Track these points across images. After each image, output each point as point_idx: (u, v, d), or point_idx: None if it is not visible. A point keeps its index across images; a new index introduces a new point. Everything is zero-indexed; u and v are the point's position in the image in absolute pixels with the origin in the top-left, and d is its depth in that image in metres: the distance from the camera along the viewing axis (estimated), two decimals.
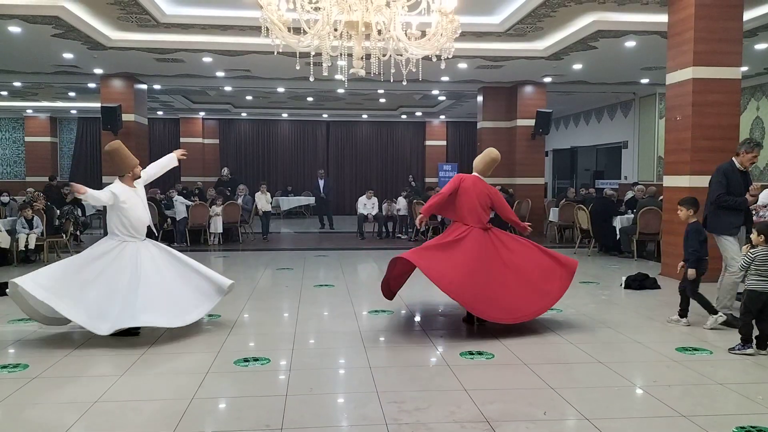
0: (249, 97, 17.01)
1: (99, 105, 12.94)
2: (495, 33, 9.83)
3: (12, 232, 9.03)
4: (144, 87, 13.65)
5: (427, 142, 21.63)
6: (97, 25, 9.34)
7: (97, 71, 12.41)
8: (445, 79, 13.29)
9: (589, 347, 4.69)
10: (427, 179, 20.50)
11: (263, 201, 13.09)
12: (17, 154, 20.57)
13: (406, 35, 4.86)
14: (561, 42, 10.01)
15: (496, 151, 5.55)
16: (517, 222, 5.56)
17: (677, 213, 5.50)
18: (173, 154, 5.56)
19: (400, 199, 13.48)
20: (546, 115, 13.38)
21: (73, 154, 20.77)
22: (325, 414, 3.46)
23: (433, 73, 12.13)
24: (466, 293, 4.88)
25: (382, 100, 17.75)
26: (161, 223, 11.25)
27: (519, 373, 4.11)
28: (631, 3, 8.28)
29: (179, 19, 9.18)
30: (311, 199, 18.70)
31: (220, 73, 12.75)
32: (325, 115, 20.86)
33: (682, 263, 5.34)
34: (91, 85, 13.75)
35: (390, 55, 5.00)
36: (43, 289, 4.62)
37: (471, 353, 4.51)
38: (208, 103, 18.23)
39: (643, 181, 13.57)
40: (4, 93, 16.14)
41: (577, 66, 11.69)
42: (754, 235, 4.59)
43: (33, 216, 9.21)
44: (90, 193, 4.88)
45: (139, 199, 5.15)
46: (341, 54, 5.04)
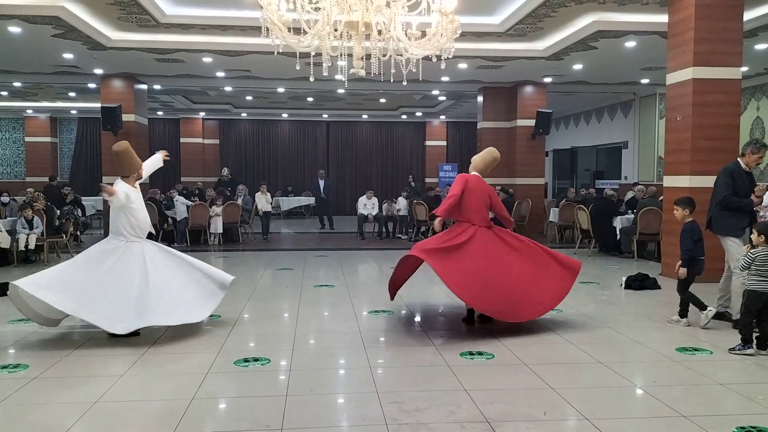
0: (249, 98, 17.01)
1: (99, 105, 12.94)
2: (495, 33, 9.83)
3: (12, 233, 9.03)
4: (144, 87, 13.65)
5: (427, 143, 21.62)
6: (97, 25, 9.34)
7: (97, 71, 12.41)
8: (445, 79, 13.28)
9: (590, 347, 4.69)
10: (427, 179, 20.49)
11: (263, 201, 13.09)
12: (17, 154, 20.56)
13: (407, 35, 4.86)
14: (561, 42, 10.01)
15: (497, 151, 5.62)
16: (507, 218, 5.71)
17: (673, 213, 5.50)
18: (158, 154, 5.63)
19: (400, 199, 13.49)
20: (546, 115, 13.38)
21: (74, 154, 20.77)
22: (326, 414, 3.46)
23: (433, 73, 12.13)
24: (480, 299, 4.97)
25: (382, 100, 17.74)
26: (161, 223, 11.26)
27: (519, 374, 4.11)
28: (631, 3, 8.28)
29: (179, 20, 9.18)
30: (311, 200, 18.70)
31: (220, 74, 12.75)
32: (325, 115, 20.86)
33: (679, 263, 5.34)
34: (91, 85, 13.75)
35: (390, 55, 5.01)
36: (46, 290, 4.62)
37: (471, 353, 4.51)
38: (208, 103, 18.22)
39: (644, 182, 13.56)
40: (5, 93, 16.14)
41: (578, 66, 11.69)
42: (754, 236, 4.59)
43: (33, 216, 9.21)
44: (119, 193, 4.96)
45: (141, 199, 5.28)
46: (341, 54, 5.05)
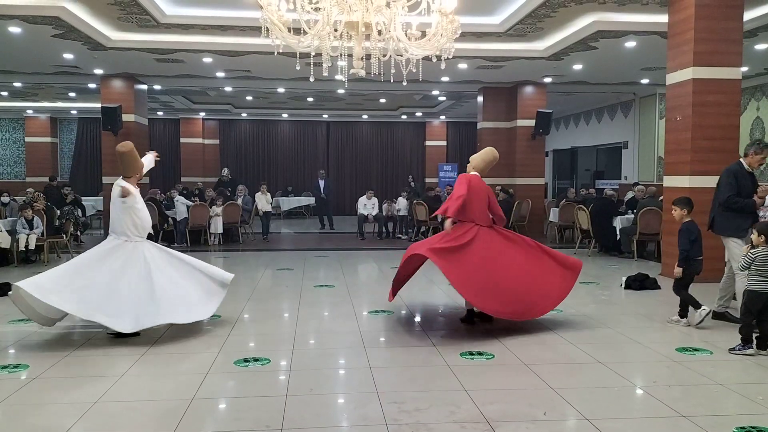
0: (249, 98, 17.01)
1: (99, 105, 12.94)
2: (495, 33, 9.83)
3: (12, 233, 9.03)
4: (144, 87, 13.65)
5: (427, 143, 21.61)
6: (98, 25, 9.34)
7: (98, 71, 12.41)
8: (445, 79, 13.28)
9: (590, 347, 4.69)
10: (427, 179, 20.50)
11: (263, 201, 13.09)
12: (17, 154, 20.56)
13: (406, 35, 4.87)
14: (561, 42, 10.01)
15: (496, 151, 5.61)
16: (502, 216, 5.66)
17: (671, 213, 5.51)
18: (150, 155, 5.69)
19: (400, 199, 13.48)
20: (546, 115, 13.38)
21: (74, 154, 20.78)
22: (326, 414, 3.46)
23: (433, 73, 12.13)
24: (484, 299, 4.98)
25: (382, 101, 17.74)
26: (162, 223, 11.26)
27: (519, 374, 4.11)
28: (631, 3, 8.28)
29: (179, 20, 9.17)
30: (311, 200, 18.70)
31: (221, 74, 12.75)
32: (325, 116, 20.85)
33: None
34: (92, 85, 13.75)
35: (390, 56, 5.01)
36: (51, 293, 4.62)
37: (471, 353, 4.51)
38: (209, 103, 18.22)
39: (644, 182, 13.57)
40: (5, 93, 16.15)
41: (578, 66, 11.69)
42: (754, 236, 4.59)
43: (33, 216, 9.21)
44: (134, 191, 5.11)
45: (142, 200, 5.33)
46: (341, 54, 5.05)
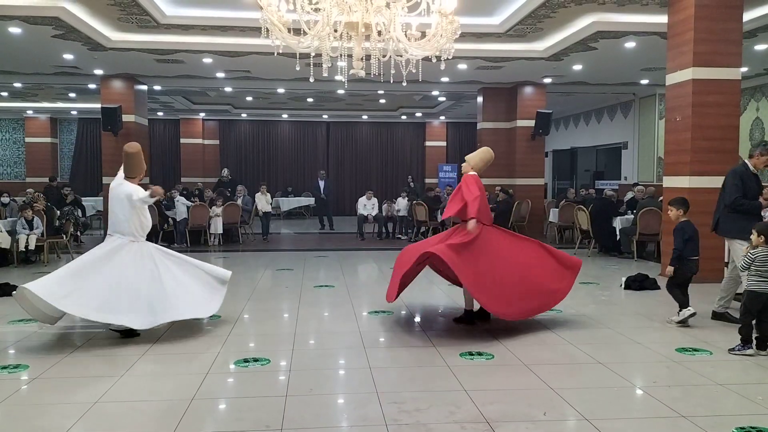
0: (249, 98, 17.01)
1: (99, 106, 12.94)
2: (495, 34, 9.83)
3: (12, 233, 9.03)
4: (144, 88, 13.66)
5: (427, 143, 21.61)
6: (97, 25, 9.34)
7: (98, 72, 12.41)
8: (445, 79, 13.29)
9: (589, 348, 4.69)
10: (427, 180, 20.50)
11: (263, 202, 13.10)
12: (17, 155, 20.55)
13: (406, 36, 4.86)
14: (561, 43, 10.01)
15: (492, 151, 5.58)
16: (490, 217, 5.66)
17: (667, 213, 5.52)
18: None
19: (399, 199, 13.48)
20: (546, 115, 13.38)
21: (74, 155, 20.77)
22: (325, 414, 3.46)
23: (433, 73, 12.13)
24: (496, 302, 4.97)
25: (382, 101, 17.74)
26: (162, 223, 11.26)
27: (519, 374, 4.11)
28: (631, 4, 8.28)
29: (179, 20, 9.18)
30: (311, 200, 18.70)
31: (221, 74, 12.75)
32: (325, 116, 20.86)
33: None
34: (92, 85, 13.75)
35: (390, 56, 5.01)
36: (62, 297, 4.60)
37: (471, 354, 4.51)
38: (209, 103, 18.21)
39: (643, 182, 13.57)
40: (5, 94, 16.14)
41: (577, 67, 11.69)
42: (754, 236, 4.59)
43: (33, 217, 9.21)
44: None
45: None
46: (341, 55, 5.05)
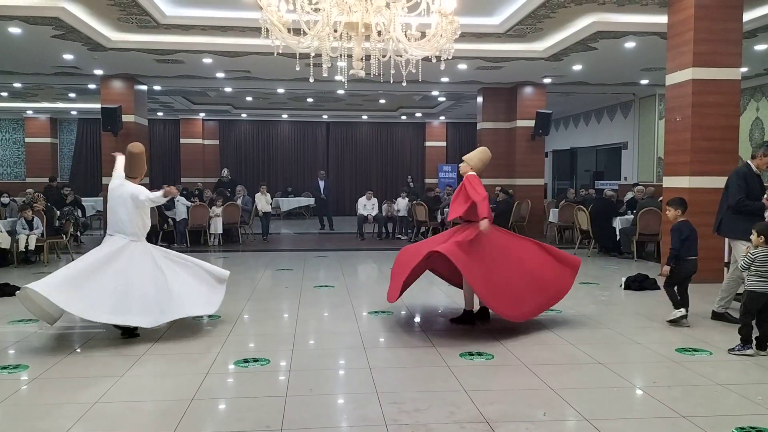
0: (249, 98, 17.01)
1: (99, 106, 12.94)
2: (495, 34, 9.83)
3: (12, 233, 9.03)
4: (144, 88, 13.66)
5: (427, 143, 21.61)
6: (97, 26, 9.34)
7: (97, 72, 12.41)
8: (444, 80, 13.29)
9: (589, 348, 4.69)
10: (426, 180, 20.50)
11: (263, 202, 13.10)
12: (17, 155, 20.55)
13: (406, 36, 4.86)
14: (561, 43, 10.01)
15: (489, 151, 5.58)
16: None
17: (666, 213, 5.53)
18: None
19: (399, 200, 13.48)
20: (546, 116, 13.38)
21: (73, 155, 20.77)
22: (325, 415, 3.46)
23: (432, 74, 12.13)
24: (500, 302, 4.97)
25: (382, 101, 17.74)
26: (161, 224, 11.26)
27: (519, 374, 4.11)
28: (631, 4, 8.28)
29: (179, 20, 9.17)
30: (311, 200, 18.69)
31: (220, 74, 12.75)
32: (325, 116, 20.86)
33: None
34: (91, 86, 13.75)
35: (390, 56, 5.01)
36: (75, 300, 4.59)
37: (471, 354, 4.51)
38: (208, 104, 18.22)
39: (643, 182, 13.57)
40: (5, 94, 16.14)
41: (577, 67, 11.69)
42: (753, 236, 4.59)
43: (33, 217, 9.21)
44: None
45: None
46: (341, 55, 5.05)
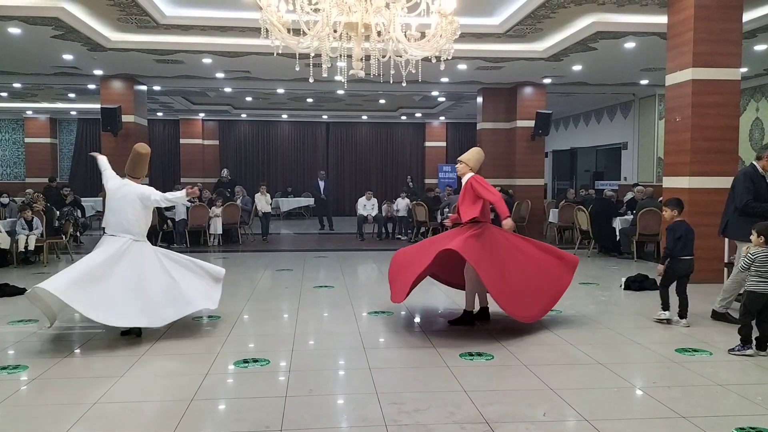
0: (249, 98, 17.01)
1: (99, 106, 12.94)
2: (495, 34, 9.83)
3: (12, 234, 9.02)
4: (144, 88, 13.66)
5: (427, 143, 21.61)
6: (97, 26, 9.34)
7: (97, 72, 12.41)
8: (444, 80, 13.29)
9: (589, 348, 4.69)
10: (426, 180, 20.51)
11: (263, 202, 13.10)
12: (17, 155, 20.55)
13: (406, 36, 4.86)
14: (561, 43, 10.01)
15: (482, 151, 5.60)
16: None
17: (663, 213, 5.55)
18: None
19: (399, 200, 13.48)
20: (546, 116, 13.38)
21: (73, 155, 20.76)
22: (325, 415, 3.46)
23: (432, 74, 12.13)
24: (511, 302, 4.96)
25: (382, 101, 17.74)
26: (161, 224, 11.26)
27: (518, 374, 4.11)
28: (631, 4, 8.28)
29: (179, 21, 9.17)
30: (311, 200, 18.68)
31: (220, 75, 12.75)
32: (324, 116, 20.86)
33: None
34: (91, 86, 13.75)
35: (389, 57, 5.01)
36: (81, 301, 4.57)
37: (470, 354, 4.51)
38: (208, 104, 18.21)
39: (643, 182, 13.57)
40: (4, 94, 16.14)
41: (577, 67, 11.70)
42: (753, 236, 4.58)
43: (33, 217, 9.21)
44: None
45: None
46: (341, 55, 5.04)
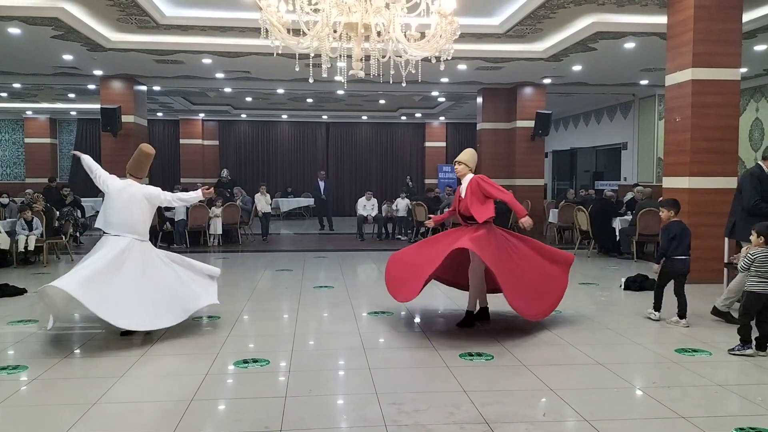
0: (249, 99, 17.01)
1: (99, 106, 12.94)
2: (494, 34, 9.83)
3: (12, 234, 9.02)
4: (143, 88, 13.66)
5: (427, 144, 21.61)
6: (97, 26, 9.35)
7: (97, 72, 12.41)
8: (444, 80, 13.29)
9: (589, 348, 4.69)
10: (426, 180, 20.51)
11: (263, 202, 13.09)
12: (17, 155, 20.55)
13: (406, 37, 4.86)
14: (560, 43, 10.01)
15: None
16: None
17: (660, 214, 5.56)
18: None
19: (399, 200, 13.47)
20: (545, 116, 13.39)
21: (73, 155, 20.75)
22: (325, 415, 3.46)
23: (432, 74, 12.13)
24: (521, 299, 4.97)
25: (382, 102, 17.74)
26: (161, 224, 11.26)
27: (518, 375, 4.11)
28: (631, 4, 8.29)
29: (179, 21, 9.18)
30: (311, 201, 18.68)
31: (220, 75, 12.75)
32: (324, 117, 20.86)
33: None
34: (91, 86, 13.75)
35: (389, 57, 5.01)
36: (95, 302, 4.53)
37: (470, 354, 4.51)
38: (208, 104, 18.21)
39: (643, 183, 13.58)
40: (4, 94, 16.14)
41: (577, 67, 11.70)
42: (753, 237, 4.58)
43: (32, 217, 9.21)
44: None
45: None
46: (341, 55, 5.05)
